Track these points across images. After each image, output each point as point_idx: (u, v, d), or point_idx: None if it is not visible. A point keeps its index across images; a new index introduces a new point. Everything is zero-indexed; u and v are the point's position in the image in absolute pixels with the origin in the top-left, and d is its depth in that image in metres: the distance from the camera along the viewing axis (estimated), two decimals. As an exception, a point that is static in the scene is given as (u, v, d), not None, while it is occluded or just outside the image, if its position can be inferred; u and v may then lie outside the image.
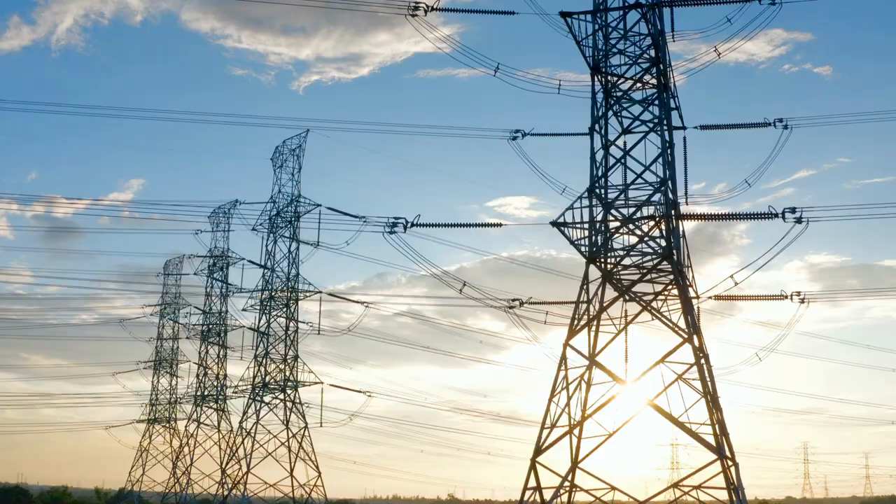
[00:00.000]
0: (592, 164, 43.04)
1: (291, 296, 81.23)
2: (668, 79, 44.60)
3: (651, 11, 43.13)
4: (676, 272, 41.57)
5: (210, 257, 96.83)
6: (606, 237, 41.04)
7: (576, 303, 42.91)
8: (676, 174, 43.32)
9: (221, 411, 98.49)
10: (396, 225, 41.77)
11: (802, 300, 46.91)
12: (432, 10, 42.26)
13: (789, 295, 46.88)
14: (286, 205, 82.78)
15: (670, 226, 40.72)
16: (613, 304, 41.37)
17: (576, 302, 43.01)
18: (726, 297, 47.41)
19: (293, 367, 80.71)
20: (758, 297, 47.47)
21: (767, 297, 47.70)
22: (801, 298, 46.73)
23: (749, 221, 46.93)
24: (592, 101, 43.63)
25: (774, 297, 47.71)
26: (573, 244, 40.26)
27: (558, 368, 41.01)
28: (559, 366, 41.03)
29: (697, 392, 40.37)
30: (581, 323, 40.79)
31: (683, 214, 40.37)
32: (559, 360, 40.95)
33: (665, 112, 43.25)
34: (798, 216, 38.43)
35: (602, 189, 42.09)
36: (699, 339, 41.86)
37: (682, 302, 41.36)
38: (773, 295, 47.51)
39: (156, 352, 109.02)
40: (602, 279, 41.85)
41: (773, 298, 47.64)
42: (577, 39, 41.64)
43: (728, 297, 47.40)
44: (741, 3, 40.77)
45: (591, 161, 43.04)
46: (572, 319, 41.48)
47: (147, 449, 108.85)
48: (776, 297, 47.63)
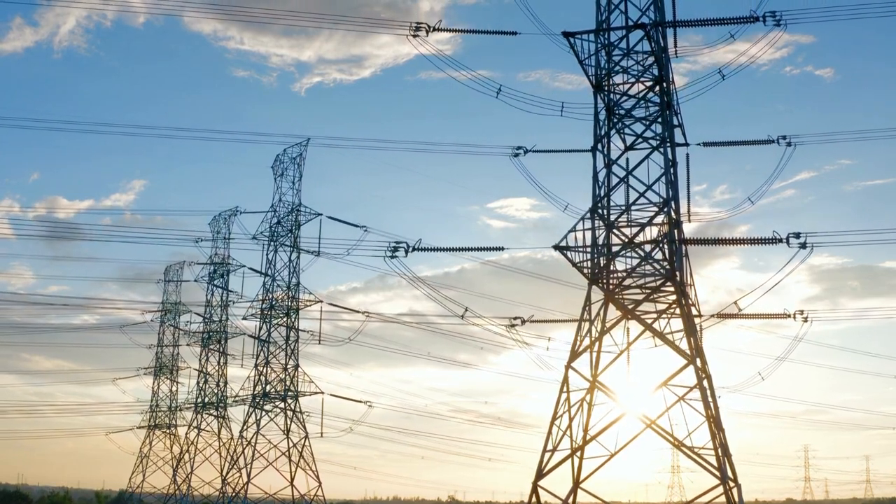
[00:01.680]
0: (595, 184, 42.81)
1: (292, 305, 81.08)
2: (671, 97, 44.39)
3: (654, 30, 42.88)
4: (679, 293, 41.39)
5: (210, 264, 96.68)
6: (609, 259, 40.80)
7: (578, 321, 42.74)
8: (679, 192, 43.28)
9: (222, 418, 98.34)
10: (398, 249, 41.56)
11: (805, 319, 46.72)
12: (434, 29, 42.03)
13: (792, 314, 46.68)
14: (287, 214, 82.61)
15: (673, 248, 40.51)
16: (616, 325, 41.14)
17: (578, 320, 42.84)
18: (729, 316, 47.25)
19: (293, 377, 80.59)
20: (760, 316, 47.25)
21: (770, 315, 47.50)
22: (804, 318, 46.53)
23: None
24: (595, 121, 43.39)
25: (777, 315, 47.53)
26: (575, 266, 40.02)
27: (560, 391, 40.82)
28: (561, 388, 40.84)
29: (700, 414, 40.24)
30: (583, 346, 40.57)
31: (687, 239, 40.13)
32: (561, 383, 40.76)
33: (668, 131, 43.01)
34: (802, 241, 38.21)
35: (604, 209, 41.86)
36: (702, 360, 41.68)
37: (685, 324, 41.18)
38: (777, 314, 47.31)
39: (156, 358, 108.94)
40: (604, 300, 41.66)
41: (777, 317, 47.47)
42: (579, 59, 41.37)
43: (731, 316, 47.25)
44: (745, 23, 40.48)
45: (593, 181, 42.82)
46: (574, 341, 41.28)
47: (147, 455, 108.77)
48: (779, 315, 47.45)
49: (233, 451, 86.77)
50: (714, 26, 40.95)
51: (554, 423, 40.28)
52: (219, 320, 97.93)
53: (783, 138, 47.61)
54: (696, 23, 41.42)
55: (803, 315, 46.68)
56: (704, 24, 41.42)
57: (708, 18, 41.09)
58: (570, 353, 41.17)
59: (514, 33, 43.58)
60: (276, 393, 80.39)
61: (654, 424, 40.57)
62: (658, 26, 41.06)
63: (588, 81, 43.01)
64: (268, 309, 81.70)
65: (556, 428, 40.40)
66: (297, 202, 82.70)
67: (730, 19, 40.76)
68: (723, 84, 46.38)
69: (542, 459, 40.00)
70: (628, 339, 42.81)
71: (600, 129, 43.51)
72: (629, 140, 44.19)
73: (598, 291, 41.97)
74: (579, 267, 40.08)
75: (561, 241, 38.95)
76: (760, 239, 38.62)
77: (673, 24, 41.12)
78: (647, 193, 42.08)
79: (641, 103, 43.43)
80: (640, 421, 40.06)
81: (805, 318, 46.67)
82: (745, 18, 40.70)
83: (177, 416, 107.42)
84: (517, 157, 48.08)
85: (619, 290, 42.04)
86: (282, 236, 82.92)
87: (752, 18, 40.49)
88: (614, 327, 41.23)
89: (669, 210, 41.50)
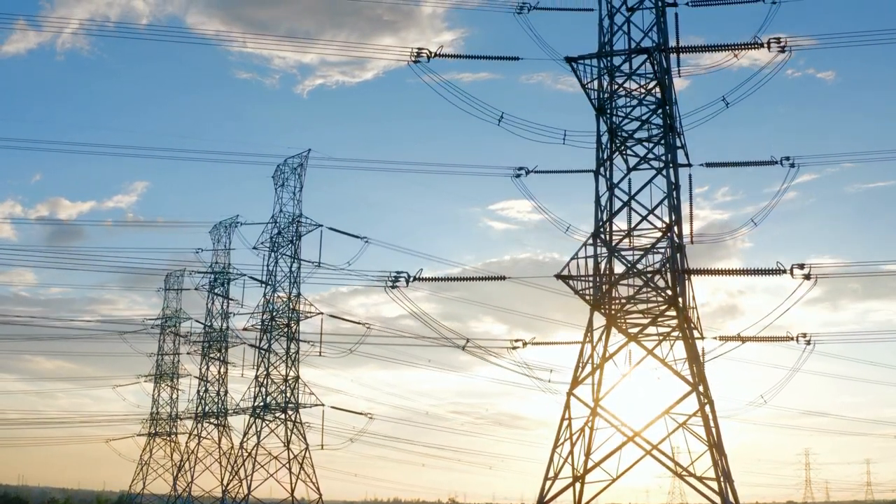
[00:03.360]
0: (597, 208, 42.53)
1: (292, 316, 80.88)
2: (674, 119, 44.11)
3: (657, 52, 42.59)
4: (681, 319, 41.16)
5: (211, 273, 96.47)
6: (611, 284, 40.55)
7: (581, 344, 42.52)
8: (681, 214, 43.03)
9: (223, 427, 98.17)
10: (398, 280, 41.27)
11: (808, 342, 46.44)
12: (435, 56, 41.79)
13: (795, 337, 46.41)
14: (287, 224, 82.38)
15: (675, 274, 40.25)
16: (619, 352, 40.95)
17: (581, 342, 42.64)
18: (731, 339, 46.99)
19: (294, 388, 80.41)
20: (763, 339, 46.96)
21: (773, 338, 47.22)
22: (806, 340, 46.26)
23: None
24: (597, 144, 43.10)
25: (780, 338, 47.25)
26: (578, 294, 39.79)
27: (562, 418, 40.59)
28: (563, 415, 40.60)
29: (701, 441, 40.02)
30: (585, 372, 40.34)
31: (690, 269, 39.85)
32: (563, 410, 40.53)
33: (671, 153, 42.73)
34: (806, 272, 37.87)
35: (607, 234, 41.61)
36: (704, 386, 41.45)
37: (688, 351, 40.97)
38: (779, 336, 47.02)
39: (156, 365, 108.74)
40: (606, 325, 41.44)
41: (779, 340, 47.20)
42: (582, 84, 41.07)
43: (732, 339, 46.99)
44: (749, 49, 40.14)
45: (595, 205, 42.53)
46: (576, 368, 41.05)
47: (147, 462, 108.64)
48: (782, 338, 47.17)
49: (233, 462, 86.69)
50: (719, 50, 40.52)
51: (555, 451, 40.04)
52: (219, 329, 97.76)
53: (786, 159, 47.33)
54: (700, 48, 41.13)
55: (806, 338, 46.38)
56: (708, 50, 41.10)
57: (712, 45, 40.81)
58: (571, 380, 40.95)
59: (515, 58, 43.29)
60: (277, 404, 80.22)
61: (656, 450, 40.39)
62: (661, 51, 40.69)
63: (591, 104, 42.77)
64: (268, 320, 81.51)
65: (558, 455, 40.17)
66: (298, 213, 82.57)
67: (734, 45, 40.42)
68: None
69: (544, 487, 39.79)
70: (630, 364, 42.66)
71: (602, 152, 43.24)
72: (632, 161, 43.97)
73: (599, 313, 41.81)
74: (581, 294, 39.83)
75: (563, 270, 38.68)
76: (764, 270, 38.31)
77: (676, 50, 40.80)
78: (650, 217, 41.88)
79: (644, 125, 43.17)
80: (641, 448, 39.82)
81: (808, 341, 46.38)
82: (749, 45, 40.32)
83: (177, 424, 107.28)
84: (518, 177, 47.81)
85: (621, 315, 41.83)
86: (282, 247, 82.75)
87: (756, 45, 40.15)
88: (614, 346, 41.05)
89: (672, 235, 41.25)
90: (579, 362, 40.81)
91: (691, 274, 39.11)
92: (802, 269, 37.76)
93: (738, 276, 38.45)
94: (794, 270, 38.02)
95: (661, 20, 44.38)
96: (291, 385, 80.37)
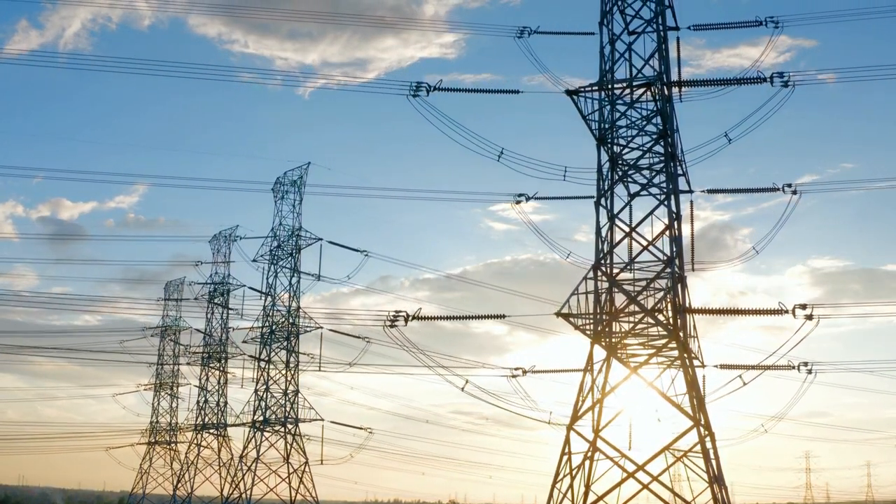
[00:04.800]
0: (598, 239, 42.26)
1: (292, 330, 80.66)
2: (676, 147, 43.82)
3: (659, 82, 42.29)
4: (681, 350, 40.91)
5: (210, 284, 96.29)
6: (611, 318, 40.29)
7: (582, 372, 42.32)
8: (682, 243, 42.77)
9: (223, 437, 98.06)
10: (397, 319, 41.05)
11: (810, 371, 46.09)
12: (435, 89, 41.50)
13: (797, 366, 46.03)
14: (287, 238, 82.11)
15: (677, 307, 39.99)
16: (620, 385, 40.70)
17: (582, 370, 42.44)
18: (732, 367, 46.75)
19: (294, 402, 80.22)
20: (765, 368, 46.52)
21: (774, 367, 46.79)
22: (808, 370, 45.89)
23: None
24: (598, 174, 42.80)
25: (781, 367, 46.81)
26: (578, 329, 39.55)
27: (562, 452, 40.37)
28: (562, 450, 40.38)
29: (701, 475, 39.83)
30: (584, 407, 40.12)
31: (693, 308, 39.60)
32: (563, 445, 40.31)
33: (672, 183, 42.44)
34: (809, 313, 37.65)
35: (608, 266, 41.35)
36: (705, 417, 41.22)
37: (688, 383, 40.72)
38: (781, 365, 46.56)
39: (156, 374, 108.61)
40: (606, 358, 41.20)
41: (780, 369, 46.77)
42: (583, 115, 40.77)
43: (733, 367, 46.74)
44: (752, 84, 39.81)
45: (596, 236, 42.26)
46: (576, 401, 40.82)
47: (147, 471, 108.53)
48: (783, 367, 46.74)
49: (233, 474, 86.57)
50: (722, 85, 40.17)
51: (555, 487, 39.83)
52: (219, 339, 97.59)
53: (788, 186, 47.09)
54: (702, 83, 40.79)
55: (808, 367, 46.08)
56: (709, 84, 40.77)
57: (714, 79, 40.48)
58: (571, 415, 40.72)
59: (516, 92, 43.02)
60: (277, 419, 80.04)
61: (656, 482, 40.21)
62: (662, 83, 40.35)
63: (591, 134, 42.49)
64: (268, 334, 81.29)
65: (557, 490, 39.95)
66: (298, 226, 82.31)
67: (737, 80, 40.09)
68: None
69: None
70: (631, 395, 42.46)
71: (603, 182, 42.95)
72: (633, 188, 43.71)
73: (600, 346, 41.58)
74: (582, 329, 39.59)
75: (563, 307, 38.44)
76: (766, 310, 38.04)
77: (678, 84, 40.47)
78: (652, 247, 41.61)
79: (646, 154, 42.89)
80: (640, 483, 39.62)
81: (809, 370, 46.08)
82: (752, 79, 40.07)
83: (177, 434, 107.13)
84: (518, 203, 47.58)
85: (621, 347, 41.60)
86: (282, 259, 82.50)
87: (759, 80, 39.86)
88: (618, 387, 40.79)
89: (673, 267, 40.97)
90: (579, 396, 40.57)
91: (693, 313, 38.81)
92: (804, 309, 37.47)
93: (740, 315, 38.15)
94: (797, 311, 37.74)
95: (662, 47, 44.11)
96: (291, 399, 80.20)
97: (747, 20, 47.93)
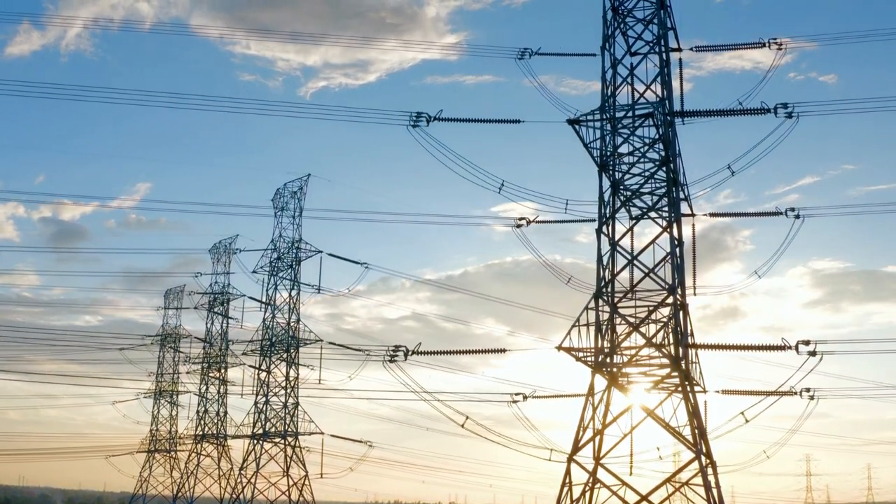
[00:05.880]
0: (599, 267, 41.99)
1: (291, 342, 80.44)
2: (678, 173, 43.55)
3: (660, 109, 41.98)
4: (683, 379, 40.67)
5: (210, 293, 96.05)
6: (612, 349, 40.04)
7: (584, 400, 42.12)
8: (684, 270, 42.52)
9: (222, 447, 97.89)
10: (396, 355, 40.79)
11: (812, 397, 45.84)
12: (434, 119, 41.21)
13: (799, 392, 45.77)
14: (287, 250, 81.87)
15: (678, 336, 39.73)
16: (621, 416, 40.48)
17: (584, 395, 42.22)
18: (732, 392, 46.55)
19: (293, 415, 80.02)
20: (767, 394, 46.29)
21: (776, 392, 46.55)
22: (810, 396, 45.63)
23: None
24: (600, 201, 42.53)
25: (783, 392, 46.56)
26: (579, 360, 39.31)
27: (562, 484, 40.14)
28: (563, 480, 40.16)
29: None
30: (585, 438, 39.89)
31: (695, 343, 39.35)
32: (563, 476, 40.09)
33: (675, 213, 42.16)
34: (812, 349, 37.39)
35: (609, 295, 41.08)
36: (706, 446, 41.00)
37: (689, 412, 40.49)
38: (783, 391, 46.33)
39: (156, 382, 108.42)
40: (607, 387, 40.98)
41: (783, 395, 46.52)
42: (585, 144, 40.48)
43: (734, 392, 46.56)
44: (756, 115, 39.50)
45: (597, 264, 41.99)
46: (577, 432, 40.57)
47: (147, 479, 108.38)
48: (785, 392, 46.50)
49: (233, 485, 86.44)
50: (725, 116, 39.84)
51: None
52: (219, 348, 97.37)
53: (791, 210, 46.87)
54: (704, 113, 40.46)
55: (810, 393, 45.76)
56: (712, 115, 40.44)
57: (717, 109, 40.12)
58: (572, 445, 40.48)
59: (517, 121, 42.73)
60: (277, 432, 79.86)
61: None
62: (664, 114, 40.04)
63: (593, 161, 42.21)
64: (268, 346, 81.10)
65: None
66: (298, 238, 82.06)
67: (740, 111, 39.76)
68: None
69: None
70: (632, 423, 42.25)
71: (605, 208, 42.66)
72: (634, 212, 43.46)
73: (601, 375, 41.36)
74: (583, 360, 39.35)
75: (564, 340, 38.20)
76: (769, 346, 37.81)
77: (681, 114, 40.15)
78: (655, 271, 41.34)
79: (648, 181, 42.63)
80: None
81: (811, 396, 45.78)
82: (756, 110, 39.72)
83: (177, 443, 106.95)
84: (519, 227, 47.33)
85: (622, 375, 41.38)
86: (282, 271, 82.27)
87: (763, 111, 39.52)
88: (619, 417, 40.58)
89: (675, 295, 40.69)
90: (580, 426, 40.33)
91: (696, 348, 38.56)
92: (808, 345, 37.22)
93: (742, 350, 37.89)
94: (799, 346, 37.47)
95: (664, 71, 43.81)
96: (291, 412, 80.00)
97: (750, 42, 47.76)
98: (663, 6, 44.84)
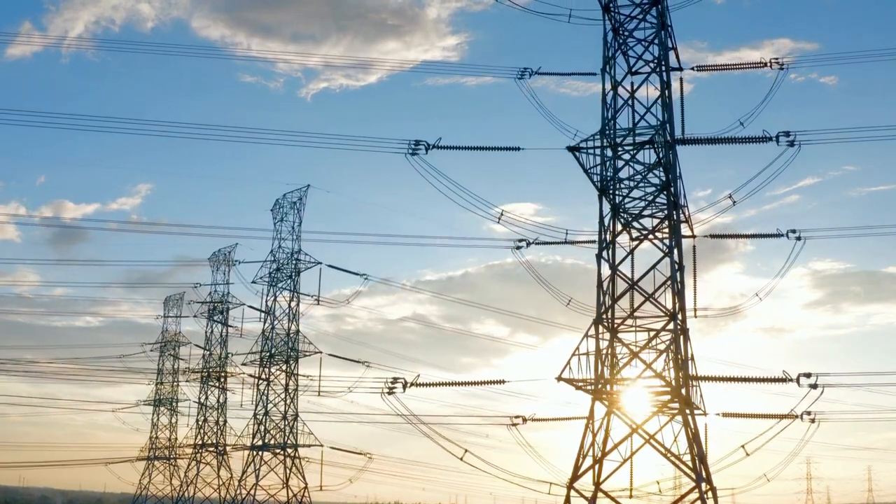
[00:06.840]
0: (599, 293, 41.78)
1: (291, 354, 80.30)
2: (679, 195, 43.33)
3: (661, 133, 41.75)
4: (683, 403, 40.53)
5: (210, 302, 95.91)
6: (612, 376, 39.86)
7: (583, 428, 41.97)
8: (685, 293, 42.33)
9: (222, 456, 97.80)
10: (396, 384, 40.60)
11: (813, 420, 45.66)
12: (433, 147, 40.95)
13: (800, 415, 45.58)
14: (286, 260, 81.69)
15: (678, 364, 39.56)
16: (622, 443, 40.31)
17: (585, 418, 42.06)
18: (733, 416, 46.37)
19: (293, 427, 79.88)
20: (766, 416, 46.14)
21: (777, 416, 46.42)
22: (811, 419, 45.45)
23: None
24: (600, 226, 42.30)
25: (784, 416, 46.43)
26: (579, 388, 39.15)
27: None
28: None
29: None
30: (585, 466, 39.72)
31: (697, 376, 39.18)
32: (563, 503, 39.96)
33: (676, 238, 41.95)
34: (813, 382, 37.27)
35: (609, 321, 40.89)
36: (706, 471, 40.86)
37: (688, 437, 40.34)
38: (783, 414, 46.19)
39: (155, 390, 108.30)
40: (607, 413, 40.81)
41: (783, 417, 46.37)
42: (585, 170, 40.25)
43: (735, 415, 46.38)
44: (757, 143, 39.23)
45: (597, 289, 41.78)
46: (577, 459, 40.41)
47: (147, 487, 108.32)
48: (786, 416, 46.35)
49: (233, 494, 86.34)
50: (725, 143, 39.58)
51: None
52: (218, 357, 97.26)
53: (793, 232, 46.68)
54: (704, 140, 40.21)
55: (811, 416, 45.57)
56: (712, 143, 40.20)
57: (718, 137, 39.87)
58: (572, 473, 40.32)
59: (517, 149, 42.49)
60: (276, 443, 79.74)
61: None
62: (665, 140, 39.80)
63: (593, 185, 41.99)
64: (267, 357, 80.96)
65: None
66: (297, 248, 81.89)
67: (740, 139, 39.53)
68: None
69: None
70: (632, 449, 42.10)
71: (605, 233, 42.45)
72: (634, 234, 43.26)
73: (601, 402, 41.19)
74: (582, 387, 39.18)
75: (562, 372, 38.02)
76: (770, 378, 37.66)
77: (682, 142, 39.91)
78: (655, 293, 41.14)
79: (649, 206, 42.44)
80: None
81: (812, 419, 45.59)
82: (758, 138, 39.47)
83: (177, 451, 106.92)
84: (519, 249, 47.16)
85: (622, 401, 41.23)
86: (281, 281, 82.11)
87: (765, 139, 39.28)
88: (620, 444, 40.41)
89: (676, 321, 40.51)
90: (580, 455, 40.15)
91: (698, 380, 38.38)
92: (809, 377, 37.03)
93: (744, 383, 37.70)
94: (801, 379, 37.28)
95: (665, 93, 43.56)
96: (290, 423, 79.87)
97: (752, 62, 47.52)
98: (664, 27, 44.60)
